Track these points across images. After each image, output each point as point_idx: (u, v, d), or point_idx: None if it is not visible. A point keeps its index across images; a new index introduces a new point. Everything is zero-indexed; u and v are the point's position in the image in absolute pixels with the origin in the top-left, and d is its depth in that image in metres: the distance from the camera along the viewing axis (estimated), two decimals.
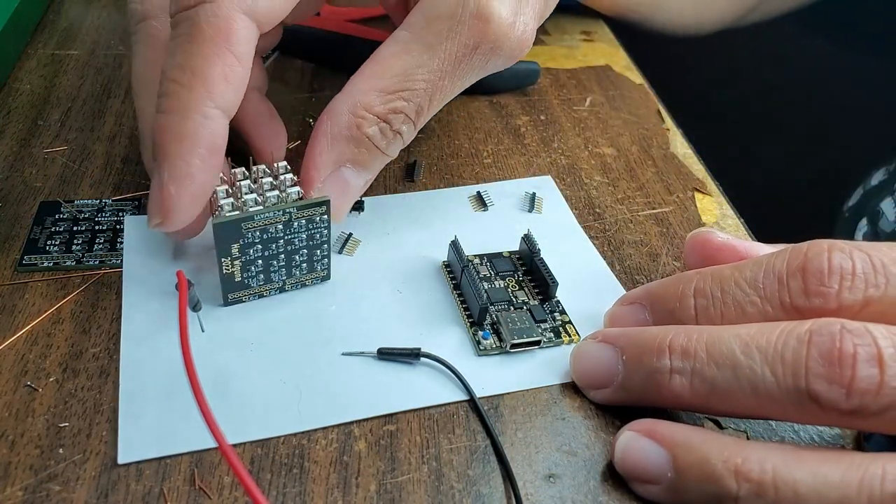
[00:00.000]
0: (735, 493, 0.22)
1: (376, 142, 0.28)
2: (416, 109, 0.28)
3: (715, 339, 0.24)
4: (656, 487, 0.24)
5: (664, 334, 0.25)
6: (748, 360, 0.23)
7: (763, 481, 0.22)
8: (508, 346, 0.29)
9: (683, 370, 0.24)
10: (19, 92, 0.41)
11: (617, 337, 0.27)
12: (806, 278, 0.24)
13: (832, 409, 0.22)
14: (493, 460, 0.26)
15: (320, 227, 0.30)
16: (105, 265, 0.31)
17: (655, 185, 0.39)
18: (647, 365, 0.25)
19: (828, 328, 0.22)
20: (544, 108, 0.44)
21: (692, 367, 0.24)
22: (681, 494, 0.24)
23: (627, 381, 0.26)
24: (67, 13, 0.49)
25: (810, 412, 0.22)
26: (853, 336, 0.22)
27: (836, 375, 0.21)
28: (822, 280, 0.24)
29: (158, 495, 0.24)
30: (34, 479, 0.24)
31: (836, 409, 0.22)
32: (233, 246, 0.28)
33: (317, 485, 0.25)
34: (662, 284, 0.28)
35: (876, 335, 0.22)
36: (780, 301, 0.24)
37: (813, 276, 0.24)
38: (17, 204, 0.34)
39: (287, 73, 0.45)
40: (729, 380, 0.23)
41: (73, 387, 0.27)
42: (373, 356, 0.29)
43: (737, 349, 0.23)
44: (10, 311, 0.29)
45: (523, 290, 0.32)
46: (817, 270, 0.24)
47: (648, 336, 0.26)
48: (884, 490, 0.21)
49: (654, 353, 0.25)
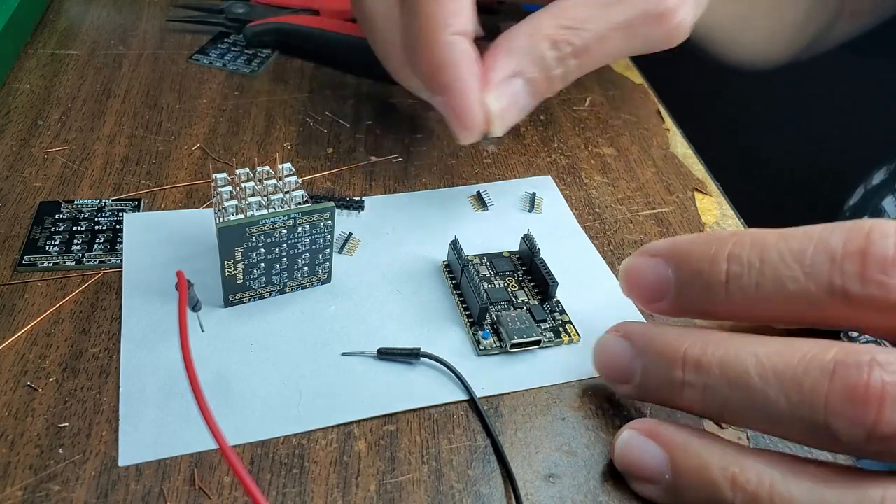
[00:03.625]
0: (731, 502, 0.22)
1: (548, 61, 0.31)
2: (583, 46, 0.32)
3: (732, 356, 0.23)
4: (654, 487, 0.24)
5: (680, 341, 0.24)
6: (763, 385, 0.22)
7: (759, 494, 0.21)
8: (508, 346, 0.29)
9: (696, 384, 0.23)
10: (19, 92, 0.41)
11: (635, 335, 0.26)
12: (865, 262, 0.21)
13: (849, 445, 0.21)
14: (493, 460, 0.26)
15: (324, 231, 0.30)
16: (105, 265, 0.31)
17: (655, 185, 0.39)
18: (661, 373, 0.24)
19: (856, 358, 0.20)
20: (544, 108, 0.44)
21: (705, 383, 0.23)
22: (678, 497, 0.24)
23: (644, 384, 0.25)
24: (67, 13, 0.49)
25: (827, 443, 0.22)
26: (883, 371, 0.20)
27: (858, 416, 0.20)
28: (885, 268, 0.21)
29: (158, 495, 0.24)
30: (34, 478, 0.24)
31: (851, 448, 0.21)
32: (236, 249, 0.28)
33: (317, 485, 0.25)
34: (692, 241, 0.25)
35: None
36: (829, 282, 0.22)
37: (875, 261, 0.21)
38: (16, 204, 0.34)
39: (287, 72, 0.45)
40: (741, 401, 0.22)
41: (73, 387, 0.26)
42: (373, 356, 0.29)
43: (752, 371, 0.22)
44: (10, 311, 0.29)
45: (523, 290, 0.32)
46: (881, 255, 0.21)
47: (664, 341, 0.25)
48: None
49: (667, 362, 0.24)
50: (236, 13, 0.48)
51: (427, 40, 0.30)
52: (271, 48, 0.47)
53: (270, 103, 0.42)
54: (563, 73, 0.32)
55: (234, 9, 0.48)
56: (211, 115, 0.41)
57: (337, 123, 0.41)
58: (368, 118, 0.42)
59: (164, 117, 0.40)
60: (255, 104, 0.42)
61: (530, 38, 0.31)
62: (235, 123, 0.40)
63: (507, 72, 0.31)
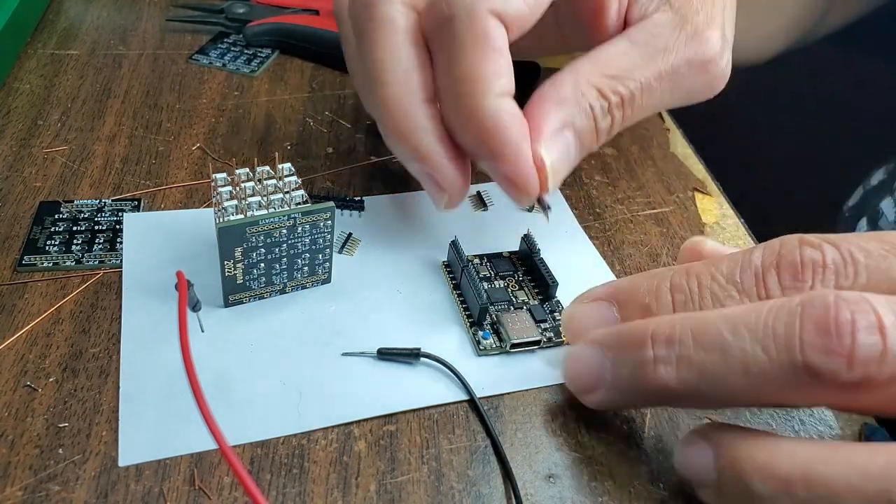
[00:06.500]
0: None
1: (596, 114, 0.30)
2: (630, 98, 0.31)
3: (700, 322, 0.23)
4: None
5: (646, 324, 0.25)
6: (737, 340, 0.22)
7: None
8: (508, 346, 0.29)
9: (668, 358, 0.23)
10: (19, 92, 0.41)
11: (601, 337, 0.26)
12: (780, 273, 0.24)
13: (832, 383, 0.21)
14: (493, 460, 0.26)
15: (324, 231, 0.30)
16: (105, 265, 0.31)
17: (655, 185, 0.39)
18: (632, 358, 0.24)
19: (821, 299, 0.21)
20: None
21: (678, 354, 0.23)
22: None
23: (616, 380, 0.25)
24: (67, 13, 0.49)
25: (808, 390, 0.21)
26: (849, 304, 0.21)
27: (833, 345, 0.21)
28: (796, 274, 0.24)
29: (158, 495, 0.24)
30: (34, 478, 0.24)
31: (836, 383, 0.21)
32: (236, 249, 0.28)
33: (316, 485, 0.25)
34: (632, 280, 0.27)
35: (874, 302, 0.21)
36: (758, 295, 0.24)
37: (787, 271, 0.24)
38: (16, 204, 0.34)
39: (287, 73, 0.45)
40: (718, 363, 0.22)
41: (73, 387, 0.26)
42: (373, 356, 0.29)
43: (724, 330, 0.22)
44: (10, 311, 0.29)
45: (523, 290, 0.32)
46: (791, 265, 0.24)
47: (630, 329, 0.25)
48: None
49: (636, 344, 0.24)
50: (236, 13, 0.48)
51: (472, 107, 0.28)
52: (271, 48, 0.47)
53: (270, 103, 0.42)
54: (608, 126, 0.31)
55: (234, 9, 0.48)
56: (211, 115, 0.41)
57: (337, 123, 0.41)
58: (368, 118, 0.42)
59: (163, 117, 0.40)
60: (255, 104, 0.42)
61: (576, 87, 0.30)
62: (235, 123, 0.40)
63: (557, 124, 0.30)
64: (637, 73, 0.30)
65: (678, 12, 0.32)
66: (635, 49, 0.31)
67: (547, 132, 0.29)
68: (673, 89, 0.32)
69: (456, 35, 0.28)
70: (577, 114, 0.30)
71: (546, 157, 0.29)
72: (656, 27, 0.31)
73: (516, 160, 0.28)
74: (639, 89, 0.31)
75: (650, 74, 0.31)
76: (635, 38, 0.31)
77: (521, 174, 0.29)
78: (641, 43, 0.31)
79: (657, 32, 0.31)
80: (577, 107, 0.30)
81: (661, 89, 0.31)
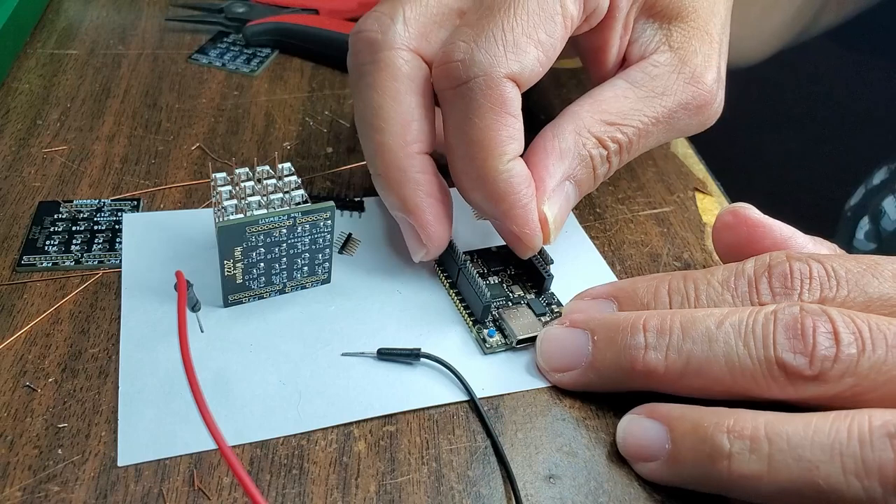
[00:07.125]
0: (728, 450, 0.23)
1: (595, 163, 0.31)
2: (627, 143, 0.31)
3: (689, 317, 0.26)
4: (657, 464, 0.25)
5: (637, 315, 0.27)
6: (723, 335, 0.25)
7: (756, 436, 0.23)
8: (515, 342, 0.29)
9: (658, 346, 0.26)
10: (18, 91, 0.41)
11: (586, 321, 0.28)
12: (772, 281, 0.27)
13: (798, 376, 0.24)
14: (493, 461, 0.26)
15: (323, 231, 0.29)
16: (104, 265, 0.31)
17: (656, 184, 0.39)
18: (620, 342, 0.26)
19: (789, 309, 0.25)
20: (544, 108, 0.44)
21: (667, 343, 0.26)
22: (679, 465, 0.25)
23: (597, 360, 0.27)
24: (66, 12, 0.49)
25: (779, 382, 0.24)
26: (811, 315, 0.24)
27: (799, 346, 0.24)
28: (786, 283, 0.27)
29: (157, 496, 0.24)
30: (33, 479, 0.24)
31: (801, 376, 0.24)
32: (236, 249, 0.28)
33: (316, 486, 0.25)
34: (632, 282, 0.29)
35: (831, 314, 0.24)
36: (751, 300, 0.27)
37: (777, 279, 0.27)
38: (15, 204, 0.34)
39: (286, 72, 0.45)
40: (704, 352, 0.25)
41: (72, 387, 0.26)
42: (373, 356, 0.29)
43: (712, 325, 0.25)
44: (9, 311, 0.29)
45: (517, 284, 0.32)
46: (781, 274, 0.27)
47: (621, 318, 0.27)
48: (871, 426, 0.22)
49: (627, 331, 0.26)
50: (236, 13, 0.48)
51: (485, 169, 0.28)
52: (271, 48, 0.47)
53: (270, 103, 0.42)
54: (606, 171, 0.32)
55: (234, 8, 0.48)
56: (210, 114, 0.41)
57: (337, 123, 0.41)
58: None
59: (163, 117, 0.40)
60: (255, 104, 0.42)
61: (577, 137, 0.30)
62: (235, 123, 0.40)
63: (559, 178, 0.30)
64: (635, 118, 0.31)
65: (677, 53, 0.32)
66: (633, 92, 0.32)
67: (550, 188, 0.30)
68: (668, 130, 0.33)
69: (472, 100, 0.28)
70: (577, 166, 0.31)
71: (549, 213, 0.30)
72: (655, 69, 0.32)
73: (524, 221, 0.29)
74: (636, 135, 0.31)
75: (647, 120, 0.31)
76: (634, 78, 0.32)
77: (528, 233, 0.29)
78: (640, 84, 0.32)
79: (656, 74, 0.32)
80: (577, 158, 0.31)
81: (657, 132, 0.32)
